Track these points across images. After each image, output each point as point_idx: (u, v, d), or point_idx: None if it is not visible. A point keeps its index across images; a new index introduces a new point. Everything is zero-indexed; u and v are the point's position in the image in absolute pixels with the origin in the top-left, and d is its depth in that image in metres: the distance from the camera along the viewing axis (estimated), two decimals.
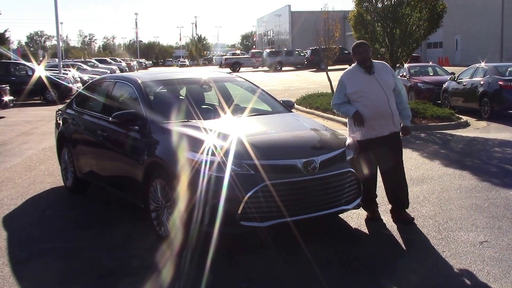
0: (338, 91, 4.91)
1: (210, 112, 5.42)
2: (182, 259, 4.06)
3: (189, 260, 4.02)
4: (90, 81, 7.91)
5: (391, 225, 4.80)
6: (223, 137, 4.35)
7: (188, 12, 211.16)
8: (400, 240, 4.42)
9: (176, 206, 4.18)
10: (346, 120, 5.06)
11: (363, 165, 4.74)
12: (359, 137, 4.79)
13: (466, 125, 11.44)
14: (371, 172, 4.83)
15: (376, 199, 5.08)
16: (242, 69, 44.97)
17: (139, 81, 5.39)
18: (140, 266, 4.03)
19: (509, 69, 12.83)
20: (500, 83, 12.04)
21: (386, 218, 4.98)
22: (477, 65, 13.60)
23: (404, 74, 15.60)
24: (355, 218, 5.02)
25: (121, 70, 37.34)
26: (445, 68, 19.05)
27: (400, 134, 4.93)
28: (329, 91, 15.65)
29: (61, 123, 6.62)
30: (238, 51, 76.34)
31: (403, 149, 5.09)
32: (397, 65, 12.88)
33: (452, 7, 18.13)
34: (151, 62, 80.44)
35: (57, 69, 24.13)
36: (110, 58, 49.43)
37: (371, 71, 4.78)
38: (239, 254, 4.24)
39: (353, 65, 4.94)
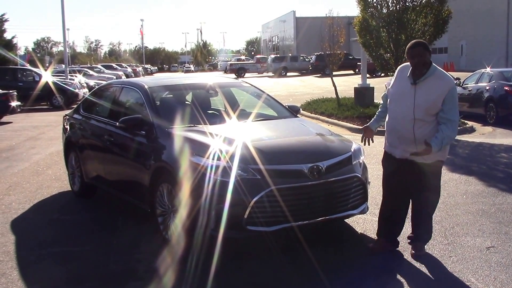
0: (390, 82, 4.16)
1: (216, 117, 5.45)
2: (188, 263, 4.07)
3: (194, 264, 4.03)
4: (97, 86, 7.98)
5: None
6: (229, 142, 4.38)
7: (193, 18, 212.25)
8: (406, 245, 4.41)
9: (182, 210, 4.20)
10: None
11: (384, 182, 4.25)
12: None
13: (471, 130, 11.41)
14: (391, 194, 4.18)
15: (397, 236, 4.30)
16: (247, 74, 45.09)
17: (146, 87, 5.43)
18: (146, 270, 4.06)
19: None
20: (506, 88, 12.02)
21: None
22: (483, 70, 13.58)
23: None
24: (361, 223, 5.02)
25: (127, 76, 37.51)
26: (450, 73, 19.03)
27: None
28: (334, 96, 15.66)
29: (68, 128, 6.67)
30: (243, 57, 76.55)
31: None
32: None
33: (457, 13, 18.14)
34: (156, 67, 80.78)
35: (63, 74, 24.34)
36: (116, 64, 49.67)
37: (416, 80, 3.87)
38: (245, 258, 4.25)
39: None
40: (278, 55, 54.39)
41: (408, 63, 3.97)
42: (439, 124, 3.86)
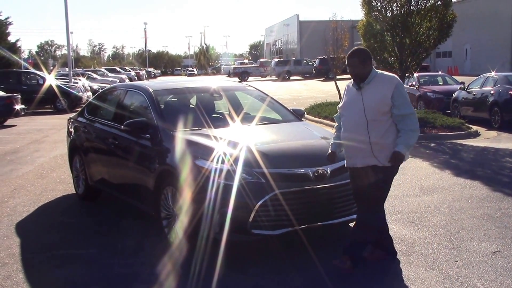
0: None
1: (220, 121, 5.46)
2: (192, 266, 4.07)
3: (198, 268, 4.03)
4: (101, 90, 8.01)
5: (401, 234, 4.78)
6: (233, 145, 4.38)
7: (196, 22, 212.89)
8: (411, 249, 4.39)
9: (186, 214, 4.20)
10: None
11: (355, 197, 4.11)
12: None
13: (476, 134, 11.37)
14: (365, 205, 4.02)
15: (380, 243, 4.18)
16: (250, 78, 45.15)
17: (150, 90, 5.44)
18: (151, 273, 4.05)
19: None
20: (511, 92, 11.98)
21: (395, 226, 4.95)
22: (487, 74, 13.56)
23: (414, 83, 15.59)
24: None
25: (130, 79, 37.67)
26: (455, 77, 19.00)
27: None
28: (338, 100, 15.66)
29: (73, 131, 6.69)
30: (246, 60, 76.64)
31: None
32: (407, 74, 12.89)
33: (462, 17, 18.11)
34: (159, 71, 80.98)
35: (67, 78, 24.44)
36: (119, 67, 49.90)
37: (360, 85, 3.89)
38: (249, 262, 4.24)
39: None
40: (282, 59, 54.45)
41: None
42: (396, 123, 3.81)
